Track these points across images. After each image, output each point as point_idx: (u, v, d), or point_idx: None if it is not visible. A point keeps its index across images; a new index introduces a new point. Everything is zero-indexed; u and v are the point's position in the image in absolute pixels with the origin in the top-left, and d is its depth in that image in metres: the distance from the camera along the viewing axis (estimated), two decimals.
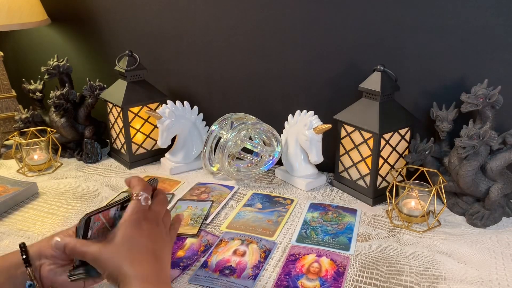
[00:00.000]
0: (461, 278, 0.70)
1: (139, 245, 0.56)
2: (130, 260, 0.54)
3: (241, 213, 0.91)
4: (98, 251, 0.55)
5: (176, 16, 1.14)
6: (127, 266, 0.53)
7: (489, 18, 0.87)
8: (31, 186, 0.99)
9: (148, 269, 0.55)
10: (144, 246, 0.56)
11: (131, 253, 0.55)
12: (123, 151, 1.15)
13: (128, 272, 0.53)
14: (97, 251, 0.55)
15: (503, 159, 0.84)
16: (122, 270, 0.53)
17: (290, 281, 0.70)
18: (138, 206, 0.58)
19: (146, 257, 0.55)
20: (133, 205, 0.58)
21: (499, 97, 0.83)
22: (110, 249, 0.55)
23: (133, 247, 0.55)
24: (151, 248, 0.57)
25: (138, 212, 0.58)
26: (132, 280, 0.52)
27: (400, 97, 0.95)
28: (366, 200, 0.95)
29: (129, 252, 0.55)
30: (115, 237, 0.55)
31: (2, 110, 1.21)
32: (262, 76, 1.11)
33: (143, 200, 0.59)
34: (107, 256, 0.54)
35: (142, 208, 0.58)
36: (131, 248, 0.55)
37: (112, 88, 1.14)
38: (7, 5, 1.12)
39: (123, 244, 0.55)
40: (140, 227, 0.57)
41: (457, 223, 0.87)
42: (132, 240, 0.56)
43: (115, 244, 0.55)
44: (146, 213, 0.59)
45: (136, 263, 0.54)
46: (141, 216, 0.58)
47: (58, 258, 0.62)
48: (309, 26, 1.01)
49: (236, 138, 1.01)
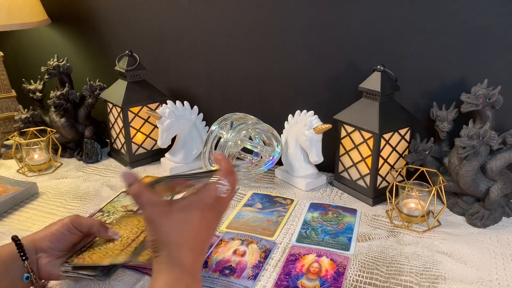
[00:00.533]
0: (461, 278, 0.70)
1: (196, 233, 0.55)
2: (179, 243, 0.53)
3: (241, 213, 0.91)
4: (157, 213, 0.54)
5: (176, 16, 1.14)
6: (174, 248, 0.53)
7: (489, 18, 0.87)
8: (31, 186, 0.99)
9: (190, 260, 0.54)
10: (199, 235, 0.55)
11: (185, 237, 0.54)
12: (123, 151, 1.15)
13: (172, 253, 0.52)
14: (155, 214, 0.54)
15: (503, 159, 0.84)
16: (168, 248, 0.53)
17: (290, 281, 0.70)
18: (216, 193, 0.57)
19: (195, 247, 0.55)
20: (213, 190, 0.57)
21: (499, 97, 0.83)
22: (172, 221, 0.54)
23: (191, 232, 0.54)
24: (204, 240, 0.56)
25: (213, 198, 0.56)
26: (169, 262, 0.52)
27: (400, 97, 0.95)
28: (366, 200, 0.95)
29: (182, 234, 0.54)
30: (181, 212, 0.54)
31: (2, 110, 1.21)
32: (262, 76, 1.11)
33: (223, 192, 0.57)
34: (162, 225, 0.53)
35: (217, 196, 0.57)
36: (188, 232, 0.54)
37: (112, 88, 1.14)
38: (7, 5, 1.12)
39: (182, 224, 0.54)
40: (206, 215, 0.56)
41: (457, 223, 0.87)
42: (192, 225, 0.55)
43: (178, 220, 0.54)
44: (216, 202, 0.57)
45: (184, 248, 0.53)
46: (213, 204, 0.57)
47: (54, 249, 0.62)
48: (309, 26, 1.01)
49: (236, 138, 1.01)
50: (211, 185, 0.57)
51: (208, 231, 0.57)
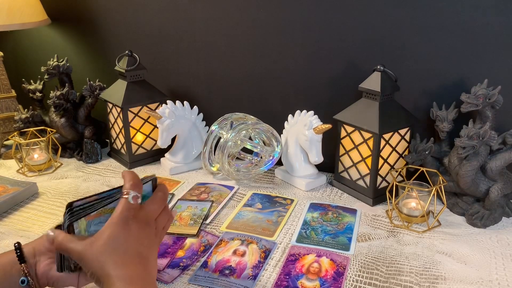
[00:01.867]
0: (461, 278, 0.70)
1: (125, 246, 0.55)
2: (114, 261, 0.53)
3: (241, 213, 0.91)
4: (83, 249, 0.54)
5: (176, 16, 1.14)
6: (111, 267, 0.52)
7: (489, 18, 0.87)
8: (31, 186, 0.99)
9: (132, 271, 0.54)
10: (130, 248, 0.55)
11: (115, 254, 0.54)
12: (123, 151, 1.15)
13: (112, 273, 0.52)
14: (81, 249, 0.54)
15: (503, 159, 0.84)
16: (105, 271, 0.52)
17: (290, 281, 0.70)
18: (126, 205, 0.56)
19: (131, 259, 0.54)
20: (122, 203, 0.56)
21: (499, 97, 0.83)
22: (94, 248, 0.54)
23: (119, 247, 0.54)
24: (137, 250, 0.55)
25: (126, 210, 0.56)
26: (116, 281, 0.51)
27: (400, 97, 0.95)
28: (366, 200, 0.95)
29: (113, 253, 0.54)
30: (102, 236, 0.54)
31: (2, 110, 1.21)
32: (262, 76, 1.11)
33: (131, 199, 0.57)
34: (91, 255, 0.53)
35: (132, 206, 0.56)
36: (116, 249, 0.54)
37: (112, 88, 1.14)
38: (7, 5, 1.12)
39: (109, 244, 0.54)
40: (127, 227, 0.55)
41: (457, 223, 0.87)
42: (118, 240, 0.54)
43: (101, 244, 0.54)
44: (136, 212, 0.57)
45: (120, 264, 0.53)
46: (130, 215, 0.56)
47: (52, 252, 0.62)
48: (309, 26, 1.01)
49: (236, 138, 1.01)
50: (120, 200, 0.57)
51: (140, 242, 0.56)
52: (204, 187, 1.02)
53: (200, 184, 1.04)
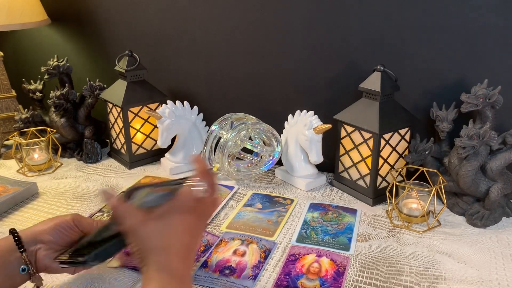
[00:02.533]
0: (461, 278, 0.70)
1: (178, 236, 0.55)
2: (162, 248, 0.53)
3: (241, 213, 0.91)
4: (137, 224, 0.53)
5: (176, 16, 1.14)
6: (157, 252, 0.53)
7: (489, 18, 0.87)
8: (31, 186, 0.99)
9: (177, 263, 0.54)
10: (182, 239, 0.55)
11: (166, 241, 0.54)
12: (123, 151, 1.15)
13: (156, 258, 0.52)
14: (136, 224, 0.54)
15: (503, 159, 0.84)
16: (151, 254, 0.53)
17: (290, 281, 0.70)
18: (191, 195, 0.56)
19: (179, 251, 0.55)
20: (188, 192, 0.56)
21: (499, 97, 0.83)
22: (149, 228, 0.53)
23: (173, 236, 0.54)
24: (188, 243, 0.56)
25: (189, 200, 0.56)
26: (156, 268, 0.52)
27: (400, 97, 0.95)
28: (366, 200, 0.95)
29: (165, 239, 0.54)
30: (161, 218, 0.54)
31: (2, 110, 1.21)
32: (262, 76, 1.11)
33: (201, 192, 0.57)
34: (144, 234, 0.53)
35: (196, 198, 0.57)
36: (170, 237, 0.54)
37: (112, 88, 1.14)
38: (7, 5, 1.12)
39: (163, 230, 0.54)
40: (185, 218, 0.56)
41: (457, 223, 0.87)
42: (175, 229, 0.55)
43: (156, 227, 0.54)
44: (196, 204, 0.57)
45: (167, 253, 0.53)
46: (191, 206, 0.56)
47: (54, 243, 0.62)
48: (309, 26, 1.01)
49: (236, 138, 1.01)
50: (186, 188, 0.57)
51: (192, 235, 0.57)
52: None
53: None
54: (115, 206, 0.55)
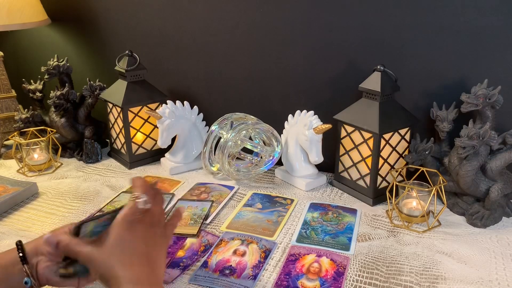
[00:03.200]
0: (461, 278, 0.70)
1: (132, 248, 0.56)
2: (122, 263, 0.54)
3: (241, 213, 0.91)
4: (90, 251, 0.55)
5: (176, 16, 1.14)
6: (119, 269, 0.53)
7: (489, 18, 0.87)
8: (31, 186, 0.99)
9: (140, 272, 0.55)
10: (136, 249, 0.56)
11: (123, 256, 0.55)
12: (123, 151, 1.15)
13: (120, 274, 0.53)
14: (89, 252, 0.55)
15: (503, 159, 0.84)
16: (114, 272, 0.53)
17: (290, 281, 0.70)
18: (133, 209, 0.58)
19: (138, 260, 0.55)
20: (129, 206, 0.58)
21: (499, 97, 0.83)
22: (102, 250, 0.55)
23: (126, 249, 0.55)
24: (144, 251, 0.56)
25: (133, 214, 0.57)
26: (124, 282, 0.52)
27: (400, 97, 0.95)
28: (366, 200, 0.95)
29: (121, 254, 0.55)
30: (108, 239, 0.55)
31: (2, 110, 1.21)
32: (262, 76, 1.11)
33: (142, 203, 0.58)
34: (100, 257, 0.54)
35: (138, 210, 0.58)
36: (123, 250, 0.55)
37: (112, 88, 1.14)
38: (7, 5, 1.12)
39: (116, 246, 0.55)
40: (133, 229, 0.57)
41: (457, 223, 0.87)
42: (125, 243, 0.55)
43: (108, 246, 0.55)
44: (141, 215, 0.58)
45: (128, 265, 0.54)
46: (136, 218, 0.57)
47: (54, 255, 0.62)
48: (309, 26, 1.01)
49: (236, 138, 1.01)
50: (128, 203, 0.58)
51: (146, 244, 0.57)
52: (204, 187, 1.02)
53: (200, 184, 1.04)
54: (65, 244, 0.56)
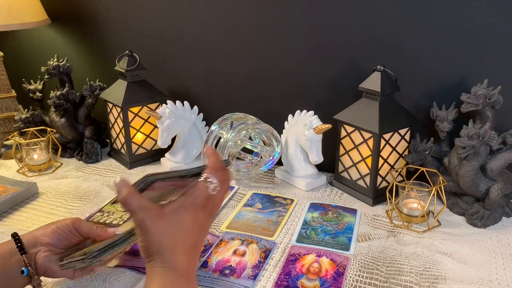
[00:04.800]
0: (461, 278, 0.70)
1: (188, 234, 0.54)
2: (173, 245, 0.53)
3: (241, 213, 0.91)
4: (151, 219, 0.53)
5: (176, 16, 1.14)
6: (167, 250, 0.52)
7: (489, 18, 0.87)
8: (31, 186, 0.99)
9: (184, 262, 0.54)
10: (191, 236, 0.55)
11: (177, 240, 0.53)
12: (123, 151, 1.15)
13: (165, 256, 0.52)
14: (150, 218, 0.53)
15: (503, 159, 0.84)
16: (161, 251, 0.52)
17: (290, 281, 0.70)
18: (204, 192, 0.56)
19: (188, 249, 0.54)
20: (202, 189, 0.56)
21: (499, 97, 0.83)
22: (162, 225, 0.53)
23: (183, 234, 0.54)
24: (197, 240, 0.56)
25: (202, 198, 0.56)
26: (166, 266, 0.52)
27: (400, 97, 0.95)
28: (366, 200, 0.95)
29: (176, 238, 0.53)
30: (172, 215, 0.53)
31: (2, 110, 1.21)
32: (262, 76, 1.11)
33: (212, 189, 0.56)
34: (154, 229, 0.52)
35: (208, 196, 0.56)
36: (179, 234, 0.53)
37: (112, 88, 1.14)
38: (7, 5, 1.12)
39: (174, 226, 0.53)
40: (197, 215, 0.55)
41: (457, 223, 0.87)
42: (185, 227, 0.54)
43: (169, 224, 0.53)
44: (207, 201, 0.56)
45: (177, 251, 0.53)
46: (203, 203, 0.56)
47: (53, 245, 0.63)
48: (309, 26, 1.01)
49: (236, 138, 1.01)
50: (200, 184, 0.56)
51: (201, 232, 0.57)
52: None
53: None
54: (127, 198, 0.53)
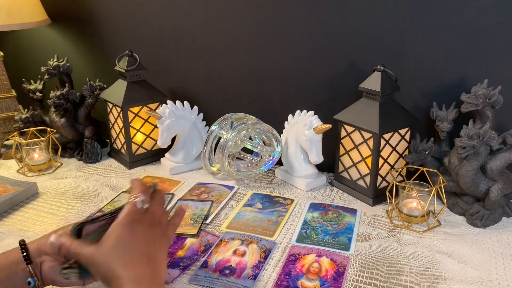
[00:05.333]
0: (461, 278, 0.70)
1: (132, 248, 0.56)
2: (122, 263, 0.54)
3: (241, 213, 0.91)
4: (91, 253, 0.55)
5: (176, 16, 1.14)
6: (119, 269, 0.54)
7: (489, 18, 0.87)
8: (31, 186, 0.99)
9: (141, 272, 0.55)
10: (137, 249, 0.56)
11: (123, 256, 0.55)
12: (123, 151, 1.15)
13: (121, 274, 0.53)
14: (90, 254, 0.55)
15: (503, 159, 0.84)
16: (115, 272, 0.53)
17: (290, 281, 0.70)
18: (132, 209, 0.58)
19: (139, 260, 0.56)
20: (128, 207, 0.58)
21: (499, 97, 0.83)
22: (103, 251, 0.55)
23: (126, 249, 0.55)
24: (145, 250, 0.57)
25: (132, 214, 0.58)
26: (125, 283, 0.53)
27: (400, 97, 0.95)
28: (366, 200, 0.95)
29: (121, 255, 0.55)
30: (109, 240, 0.55)
31: (2, 110, 1.21)
32: (262, 76, 1.11)
33: (139, 203, 0.59)
34: (100, 258, 0.54)
35: (137, 210, 0.58)
36: (123, 251, 0.55)
37: (112, 88, 1.14)
38: (7, 5, 1.12)
39: (116, 247, 0.55)
40: (133, 230, 0.57)
41: (457, 223, 0.87)
42: (125, 243, 0.56)
43: (108, 247, 0.55)
44: (140, 215, 0.58)
45: (128, 266, 0.54)
46: (135, 218, 0.58)
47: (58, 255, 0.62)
48: (309, 26, 1.01)
49: (236, 138, 1.01)
50: (127, 204, 0.59)
51: (148, 244, 0.57)
52: (204, 187, 1.02)
53: (200, 184, 1.04)
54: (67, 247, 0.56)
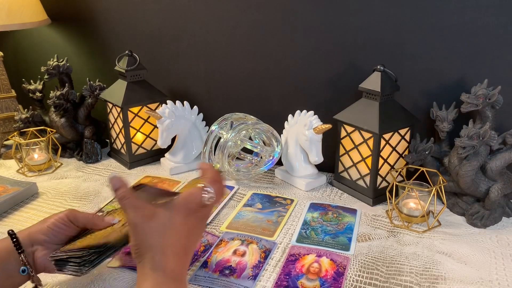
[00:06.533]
0: (461, 278, 0.70)
1: (178, 237, 0.55)
2: (162, 248, 0.53)
3: (241, 213, 0.91)
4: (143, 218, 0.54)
5: (176, 16, 1.14)
6: (156, 252, 0.53)
7: (489, 18, 0.87)
8: (31, 186, 0.99)
9: (173, 264, 0.54)
10: (181, 240, 0.55)
11: (166, 241, 0.54)
12: (123, 151, 1.15)
13: (155, 258, 0.53)
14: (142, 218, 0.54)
15: (503, 159, 0.84)
16: (151, 252, 0.53)
17: (290, 281, 0.70)
18: (198, 200, 0.57)
19: (178, 251, 0.55)
20: (197, 196, 0.57)
21: (499, 97, 0.83)
22: (153, 225, 0.54)
23: (173, 236, 0.54)
24: (187, 245, 0.56)
25: (195, 204, 0.56)
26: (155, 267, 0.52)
27: (400, 97, 0.95)
28: (366, 200, 0.95)
29: (166, 238, 0.54)
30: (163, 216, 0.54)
31: (2, 110, 1.21)
32: (262, 76, 1.11)
33: (207, 199, 0.57)
34: (147, 230, 0.53)
35: (201, 203, 0.57)
36: (170, 237, 0.54)
37: (112, 88, 1.14)
38: (7, 5, 1.12)
39: (165, 228, 0.54)
40: (188, 219, 0.56)
41: (457, 223, 0.87)
42: (176, 230, 0.55)
43: (160, 225, 0.54)
44: (200, 208, 0.57)
45: (166, 253, 0.54)
46: (195, 209, 0.57)
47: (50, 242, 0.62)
48: (309, 26, 1.01)
49: (236, 138, 1.01)
50: (196, 190, 0.57)
51: (191, 237, 0.57)
52: None
53: None
54: (123, 196, 0.55)
